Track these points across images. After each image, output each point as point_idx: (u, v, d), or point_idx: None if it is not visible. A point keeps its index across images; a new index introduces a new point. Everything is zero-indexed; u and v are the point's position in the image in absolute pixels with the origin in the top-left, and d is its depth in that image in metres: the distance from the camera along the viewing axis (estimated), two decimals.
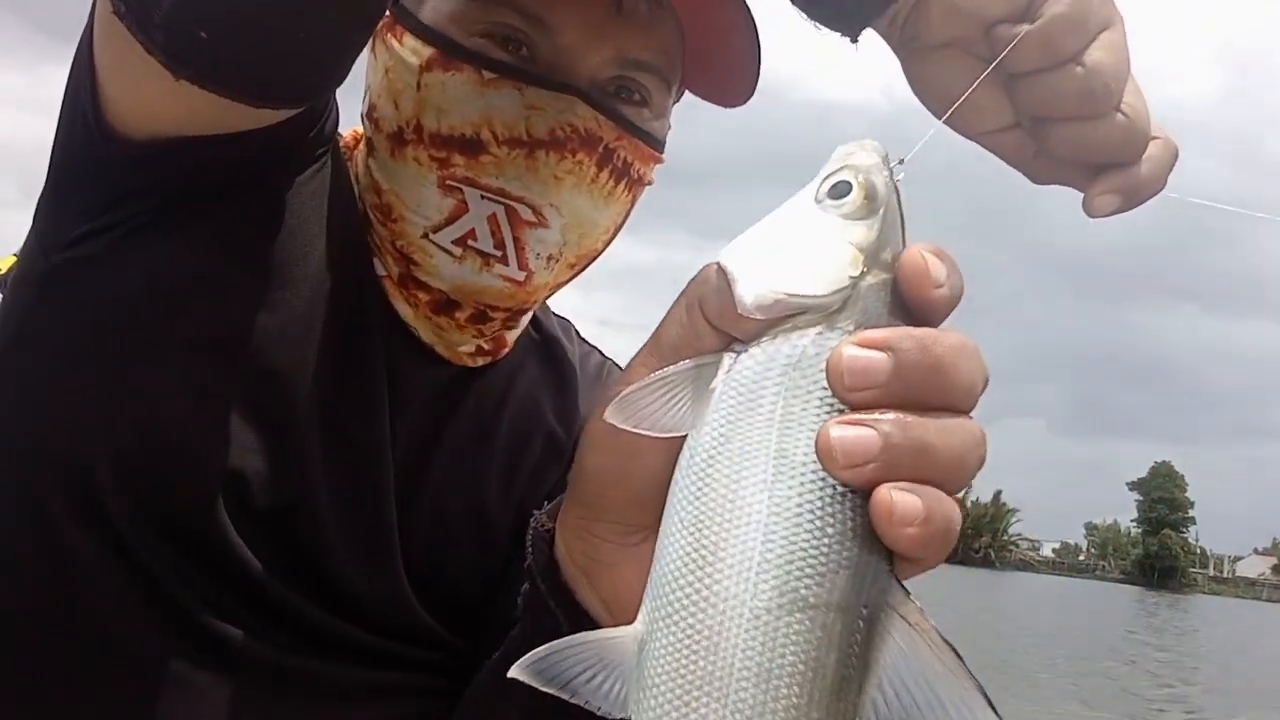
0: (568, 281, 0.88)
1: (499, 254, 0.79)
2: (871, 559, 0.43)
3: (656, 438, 0.46)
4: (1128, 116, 0.58)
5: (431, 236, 0.80)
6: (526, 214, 0.78)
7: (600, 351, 1.06)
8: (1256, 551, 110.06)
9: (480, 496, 0.90)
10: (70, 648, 0.72)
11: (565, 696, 0.46)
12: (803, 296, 0.44)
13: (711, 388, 0.45)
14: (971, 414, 0.45)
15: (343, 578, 0.80)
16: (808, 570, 0.42)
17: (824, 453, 0.42)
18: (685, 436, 0.46)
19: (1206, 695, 14.64)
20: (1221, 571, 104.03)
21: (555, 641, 0.46)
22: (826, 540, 0.42)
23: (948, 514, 0.42)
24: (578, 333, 1.05)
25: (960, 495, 0.45)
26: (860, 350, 0.43)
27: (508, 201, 0.78)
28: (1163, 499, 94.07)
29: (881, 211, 0.46)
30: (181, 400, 0.73)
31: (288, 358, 0.76)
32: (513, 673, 0.45)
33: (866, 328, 0.44)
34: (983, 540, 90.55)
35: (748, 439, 0.44)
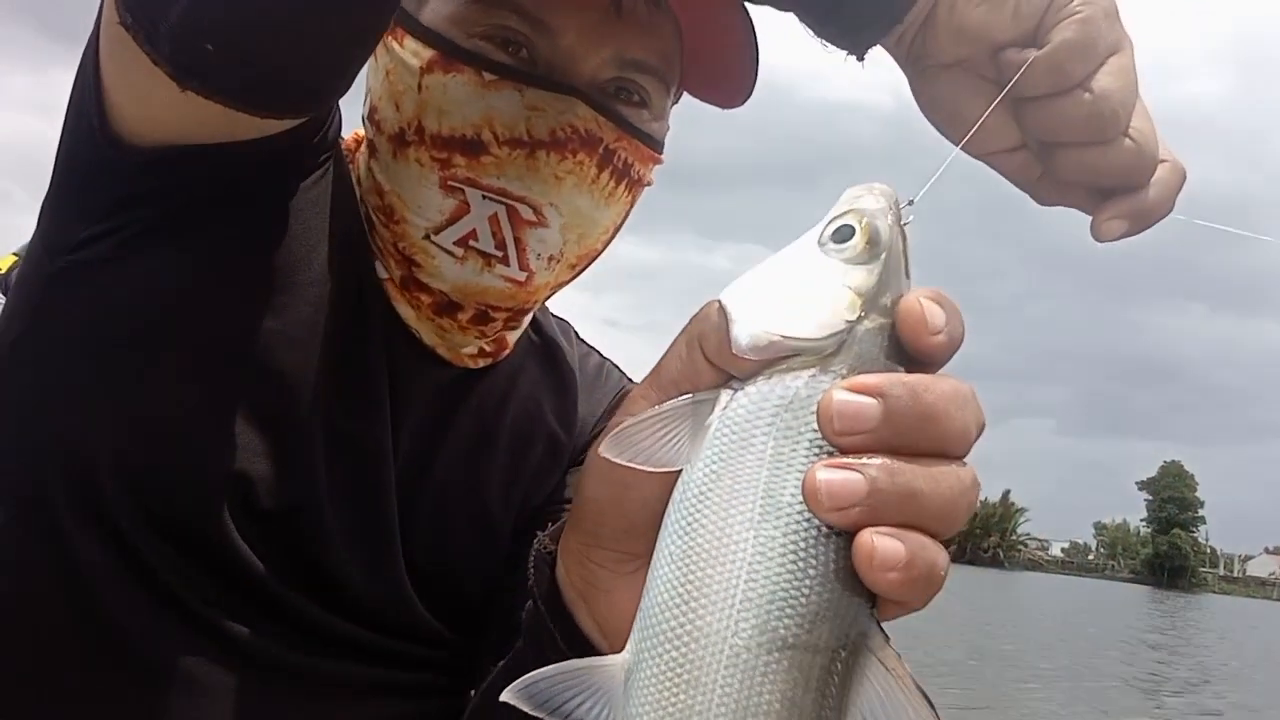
0: (568, 282, 0.88)
1: (500, 254, 0.79)
2: (854, 601, 0.42)
3: (652, 471, 0.46)
4: (1135, 141, 0.58)
5: (433, 238, 0.80)
6: (527, 213, 0.78)
7: (598, 352, 1.07)
8: (1267, 551, 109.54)
9: (482, 497, 0.91)
10: (73, 647, 0.73)
11: None
12: (796, 339, 0.44)
13: (707, 424, 0.45)
14: (965, 460, 0.44)
15: (345, 577, 0.80)
16: (788, 611, 0.42)
17: (810, 494, 0.42)
18: (680, 470, 0.46)
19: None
20: (1232, 571, 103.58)
21: (547, 668, 0.46)
22: (809, 582, 0.42)
23: (931, 560, 0.42)
24: (576, 334, 1.06)
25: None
26: (850, 395, 0.43)
27: (509, 201, 0.78)
28: (1172, 498, 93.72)
29: (883, 256, 0.46)
30: (185, 403, 0.73)
31: (291, 361, 0.76)
32: (505, 696, 0.46)
33: (861, 372, 0.44)
34: (991, 540, 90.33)
35: (738, 477, 0.44)
